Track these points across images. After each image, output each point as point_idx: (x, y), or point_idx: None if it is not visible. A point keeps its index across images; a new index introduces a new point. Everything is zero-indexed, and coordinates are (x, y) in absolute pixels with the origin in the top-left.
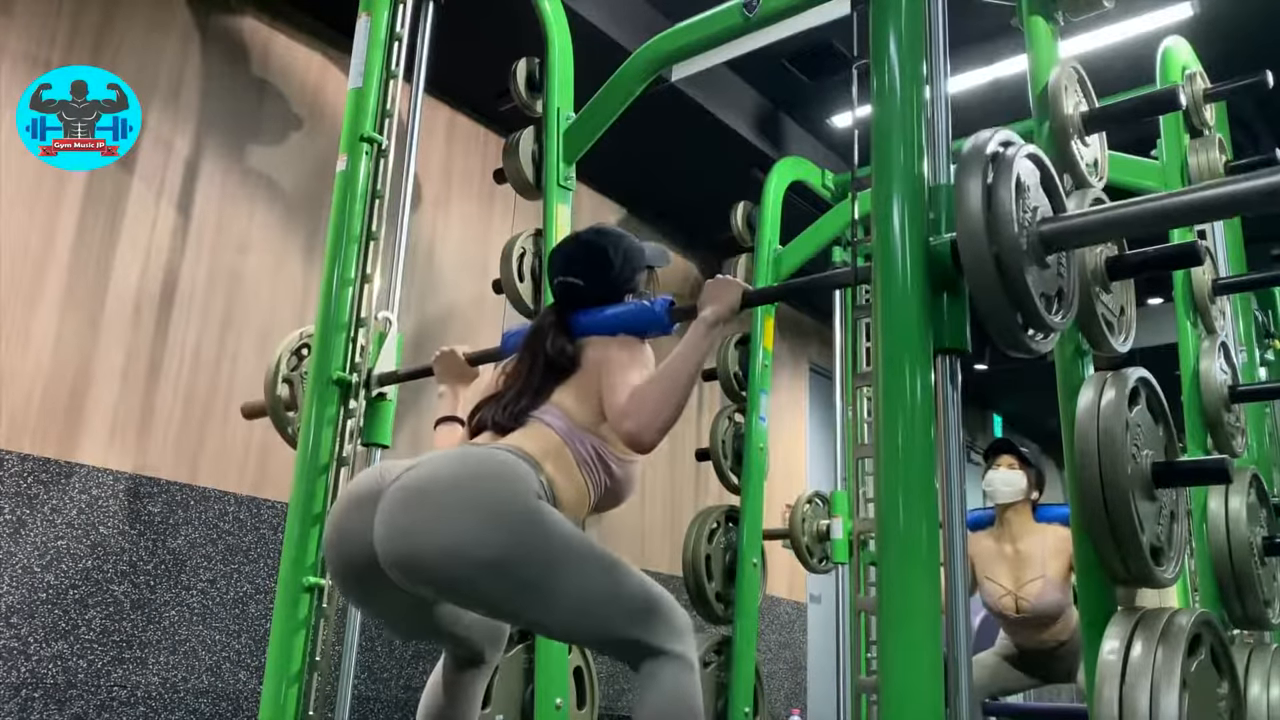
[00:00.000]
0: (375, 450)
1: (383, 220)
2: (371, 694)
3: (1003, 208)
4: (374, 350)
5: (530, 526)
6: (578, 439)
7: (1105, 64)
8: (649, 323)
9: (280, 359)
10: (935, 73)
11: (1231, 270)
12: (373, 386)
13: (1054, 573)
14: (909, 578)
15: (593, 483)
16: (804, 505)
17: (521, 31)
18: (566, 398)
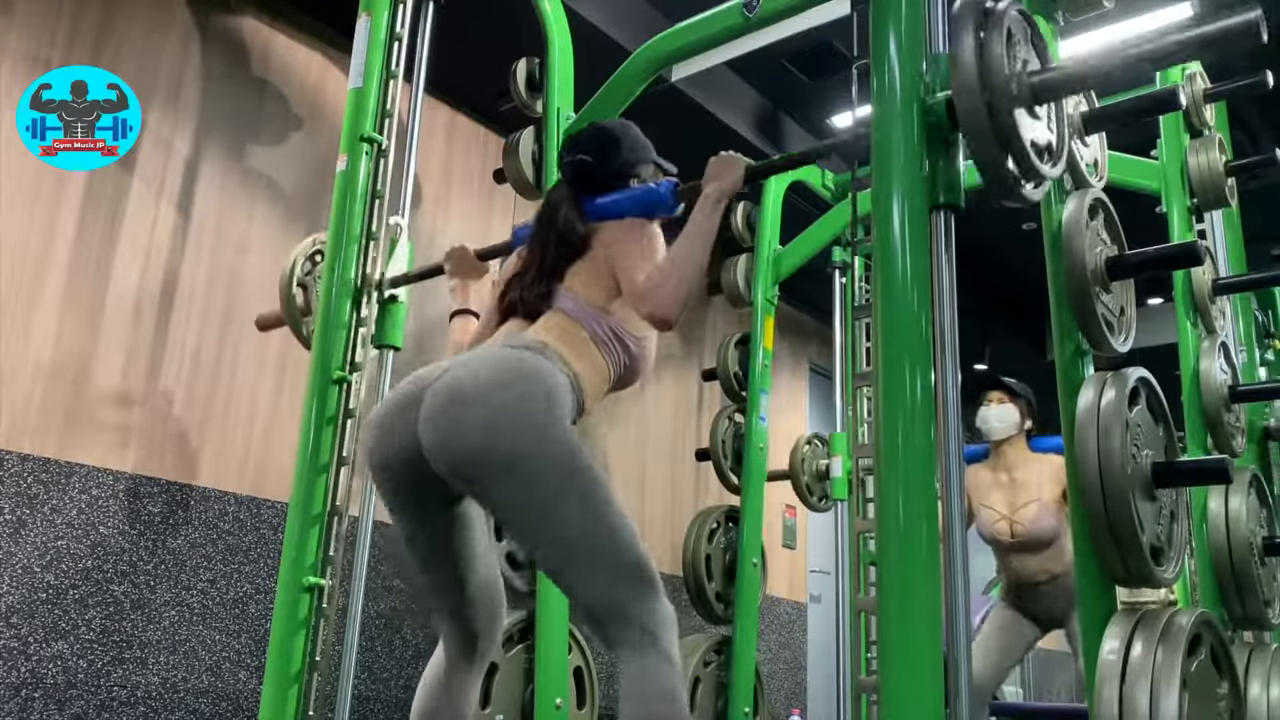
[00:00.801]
0: (387, 353)
1: (383, 220)
2: (371, 694)
3: (994, 57)
4: (386, 254)
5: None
6: (595, 321)
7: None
8: (655, 203)
9: (295, 264)
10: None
11: (1231, 270)
12: (384, 289)
13: (1049, 497)
14: (909, 578)
15: (612, 362)
16: (804, 445)
17: (521, 31)
18: (580, 282)
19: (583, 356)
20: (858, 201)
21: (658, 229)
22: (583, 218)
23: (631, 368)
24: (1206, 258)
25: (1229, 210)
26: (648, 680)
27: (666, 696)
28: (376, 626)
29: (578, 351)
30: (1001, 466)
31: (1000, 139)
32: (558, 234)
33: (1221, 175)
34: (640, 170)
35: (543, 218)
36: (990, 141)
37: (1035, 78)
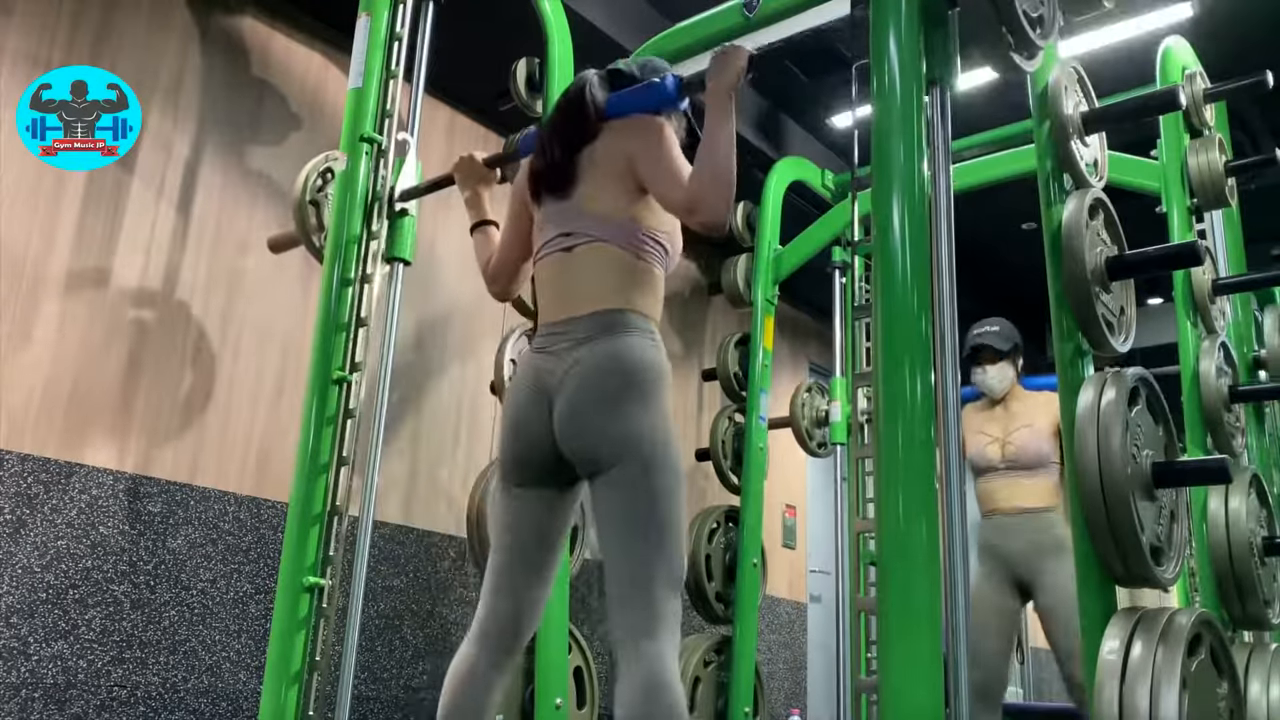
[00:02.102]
0: (398, 265)
1: (383, 220)
2: (371, 694)
3: None
4: (395, 168)
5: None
6: (631, 236)
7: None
8: (661, 99)
9: (306, 181)
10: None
11: (1231, 270)
12: (395, 202)
13: (1041, 423)
14: (909, 578)
15: (661, 265)
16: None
17: (521, 31)
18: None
19: (645, 287)
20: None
21: (669, 127)
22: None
23: (672, 257)
24: (1206, 258)
25: (1229, 210)
26: (644, 670)
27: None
28: (376, 626)
29: (640, 286)
30: (997, 404)
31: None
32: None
33: (1221, 175)
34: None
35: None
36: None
37: None
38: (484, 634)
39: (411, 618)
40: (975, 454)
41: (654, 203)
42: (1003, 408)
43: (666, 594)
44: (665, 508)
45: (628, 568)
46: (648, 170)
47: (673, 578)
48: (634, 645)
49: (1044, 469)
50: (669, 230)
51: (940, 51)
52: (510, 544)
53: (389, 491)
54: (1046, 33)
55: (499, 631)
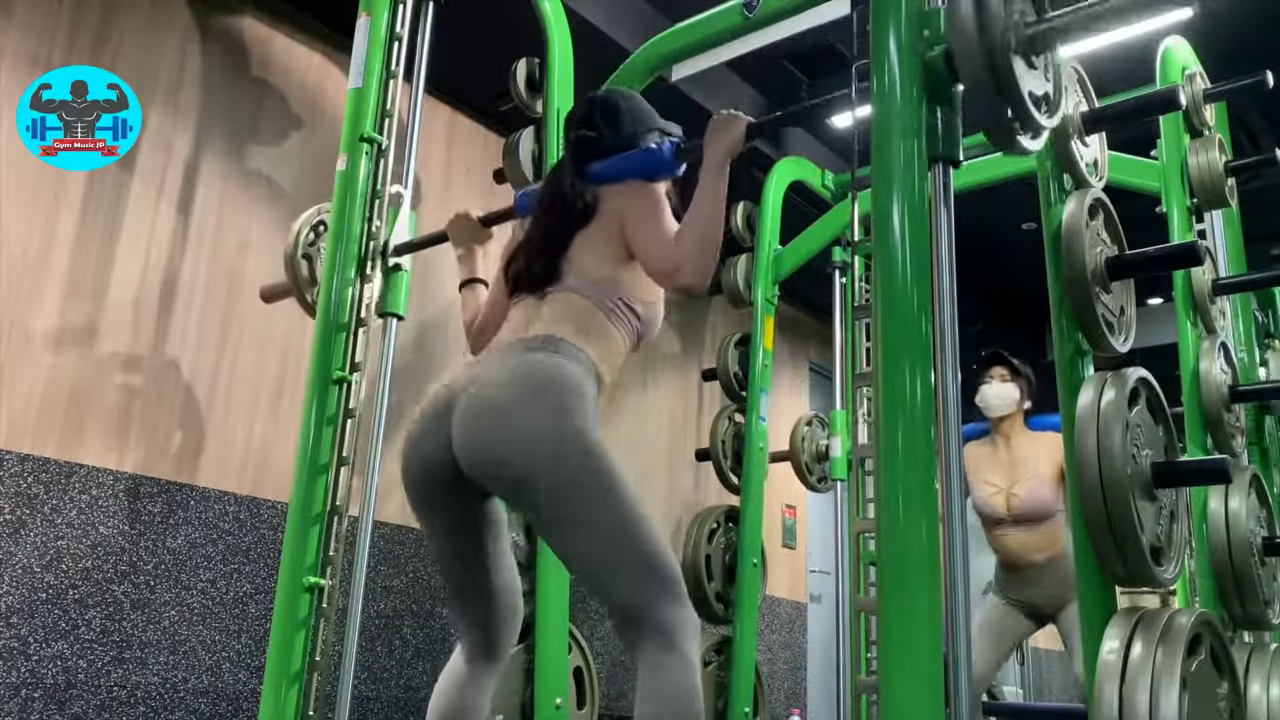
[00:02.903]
0: (390, 320)
1: (383, 220)
2: (371, 694)
3: (992, 7)
4: (389, 222)
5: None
6: (605, 296)
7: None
8: (657, 166)
9: (299, 234)
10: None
11: (1231, 270)
12: (388, 256)
13: (1046, 473)
14: (909, 578)
15: (626, 332)
16: (804, 425)
17: (521, 31)
18: (586, 253)
19: (596, 335)
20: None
21: (662, 192)
22: (587, 185)
23: (645, 330)
24: (1206, 258)
25: (1229, 210)
26: (663, 680)
27: (682, 696)
28: (376, 626)
29: (591, 332)
30: (1000, 444)
31: (999, 89)
32: (563, 203)
33: (1221, 175)
34: (646, 140)
35: (547, 190)
36: (989, 91)
37: (1031, 28)
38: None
39: (411, 618)
40: (980, 503)
41: (639, 270)
42: (1005, 449)
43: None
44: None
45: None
46: (635, 232)
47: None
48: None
49: (1051, 519)
50: (647, 301)
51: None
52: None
53: (389, 491)
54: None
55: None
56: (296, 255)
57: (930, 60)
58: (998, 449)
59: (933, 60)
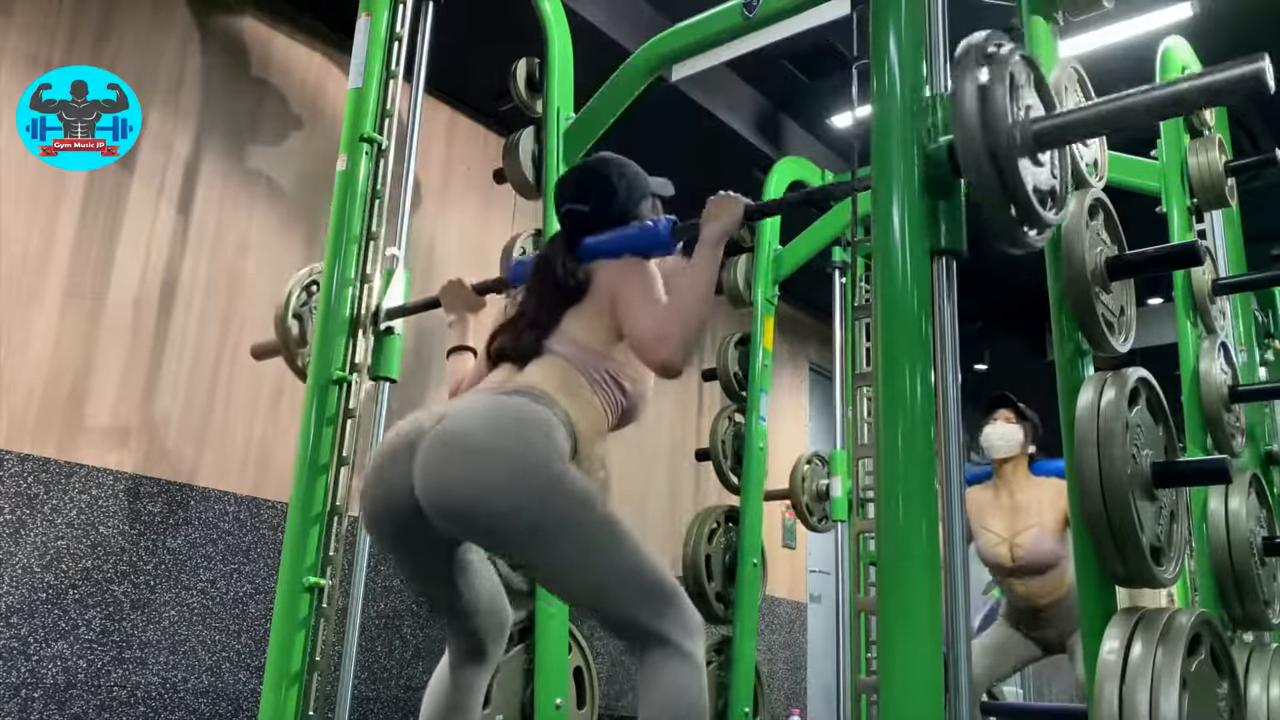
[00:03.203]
0: (383, 384)
1: (383, 220)
2: (371, 694)
3: (997, 104)
4: (382, 286)
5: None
6: (591, 365)
7: (1105, 64)
8: (653, 244)
9: (290, 294)
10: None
11: (1231, 270)
12: (381, 321)
13: (1049, 522)
14: (909, 578)
15: (609, 405)
16: (804, 465)
17: (521, 31)
18: (576, 325)
19: (578, 400)
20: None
21: (656, 270)
22: (579, 264)
23: (629, 409)
24: (1206, 258)
25: (1229, 210)
26: (664, 679)
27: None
28: (376, 626)
29: (573, 396)
30: (1002, 489)
31: (1003, 186)
32: (556, 284)
33: (1221, 175)
34: (640, 209)
35: (540, 267)
36: (993, 189)
37: (1038, 125)
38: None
39: (411, 618)
40: (984, 552)
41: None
42: (1008, 495)
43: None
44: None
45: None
46: (623, 309)
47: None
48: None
49: (1056, 566)
50: (635, 379)
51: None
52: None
53: None
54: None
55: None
56: (287, 316)
57: (932, 152)
58: (1000, 495)
59: (935, 152)
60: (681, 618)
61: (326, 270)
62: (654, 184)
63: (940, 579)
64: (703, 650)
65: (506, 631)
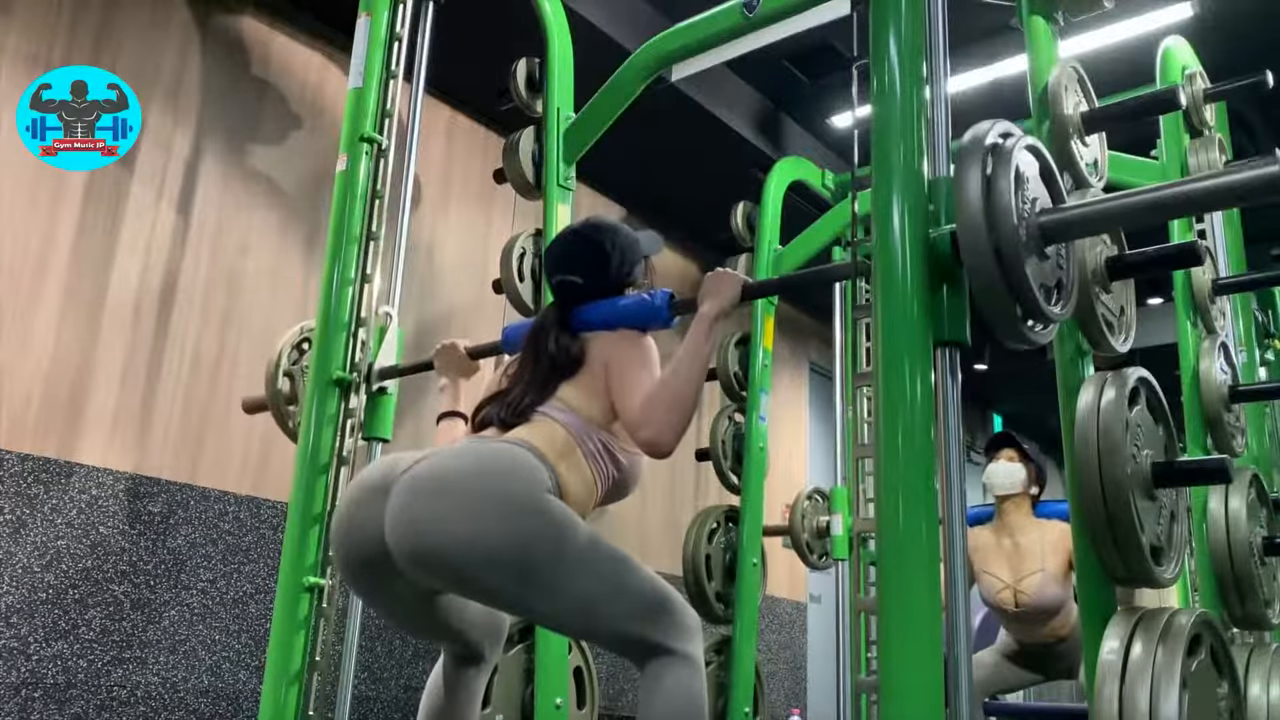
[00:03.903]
0: (376, 445)
1: (383, 220)
2: (371, 694)
3: (1002, 199)
4: (375, 345)
5: (539, 522)
6: (584, 433)
7: (1105, 64)
8: (649, 317)
9: (281, 354)
10: (935, 73)
11: (1231, 270)
12: (373, 381)
13: (1053, 567)
14: (909, 578)
15: (600, 476)
16: (804, 502)
17: (521, 31)
18: (573, 394)
19: (567, 461)
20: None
21: (653, 344)
22: (574, 337)
23: (620, 482)
24: (1206, 258)
25: (1229, 210)
26: (667, 682)
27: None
28: (376, 626)
29: (561, 454)
30: (1005, 531)
31: (1007, 283)
32: (550, 359)
33: None
34: (634, 275)
35: (533, 339)
36: (997, 286)
37: (1045, 218)
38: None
39: None
40: (987, 596)
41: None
42: (1010, 539)
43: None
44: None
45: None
46: (617, 383)
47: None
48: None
49: (1061, 610)
50: (630, 452)
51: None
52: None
53: None
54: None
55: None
56: (278, 374)
57: (935, 239)
58: (1002, 537)
59: (938, 239)
60: (678, 623)
61: (326, 271)
62: (644, 243)
63: (940, 579)
64: (701, 649)
65: (504, 637)
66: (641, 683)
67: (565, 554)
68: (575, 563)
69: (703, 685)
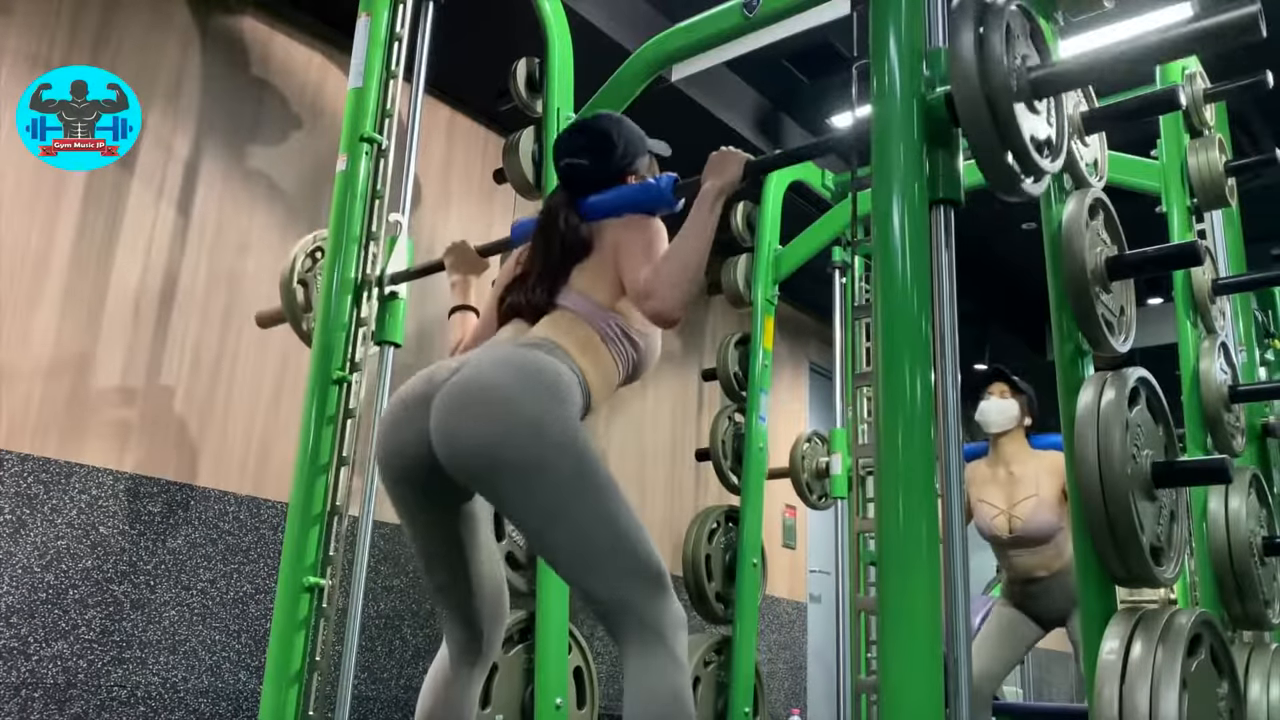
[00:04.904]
0: (388, 349)
1: (383, 220)
2: (371, 694)
3: (994, 51)
4: (386, 251)
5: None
6: (601, 319)
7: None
8: (655, 201)
9: (295, 261)
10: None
11: (1231, 270)
12: (385, 285)
13: (1047, 493)
14: (909, 578)
15: (621, 360)
16: (804, 444)
17: (521, 31)
18: (584, 281)
19: (590, 354)
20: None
21: (660, 225)
22: (584, 220)
23: (639, 363)
24: (1206, 258)
25: (1229, 210)
26: (651, 678)
27: (670, 695)
28: (376, 626)
29: (585, 349)
30: (1000, 462)
31: (1000, 134)
32: (561, 240)
33: (1221, 175)
34: (637, 165)
35: (543, 223)
36: (990, 136)
37: (1034, 73)
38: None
39: (411, 618)
40: (981, 525)
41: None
42: (1005, 470)
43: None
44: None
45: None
46: (624, 262)
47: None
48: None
49: (1053, 538)
50: (645, 332)
51: (945, 171)
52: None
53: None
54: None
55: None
56: (292, 281)
57: (931, 102)
58: (997, 468)
59: (933, 102)
60: (672, 609)
61: (326, 271)
62: (651, 144)
63: (940, 579)
64: (686, 647)
65: (503, 627)
66: (627, 670)
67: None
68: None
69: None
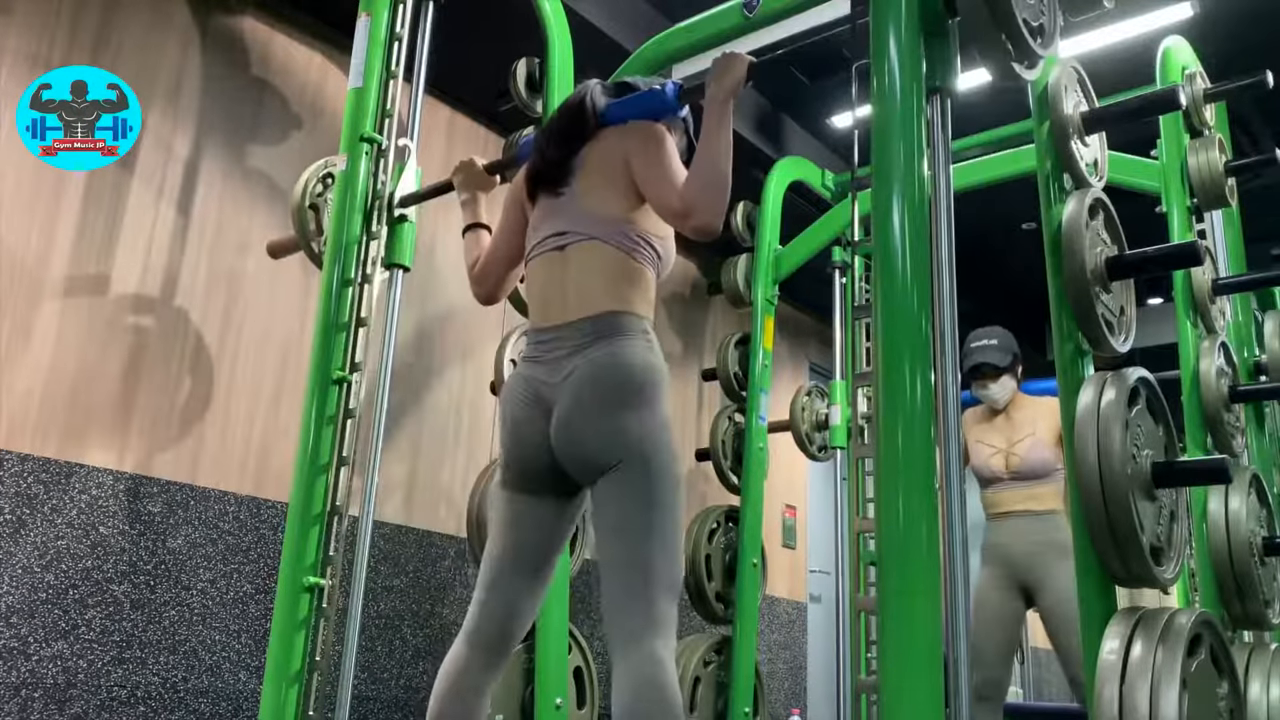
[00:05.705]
0: (396, 272)
1: (383, 221)
2: (371, 694)
3: None
4: (395, 174)
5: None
6: (626, 237)
7: (1105, 64)
8: (661, 107)
9: (306, 186)
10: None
11: (1231, 270)
12: (394, 208)
13: (1043, 432)
14: (909, 578)
15: (654, 268)
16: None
17: (521, 31)
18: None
19: (639, 289)
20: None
21: (667, 134)
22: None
23: (664, 264)
24: (1206, 258)
25: (1229, 210)
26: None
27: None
28: (376, 626)
29: (636, 284)
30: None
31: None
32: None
33: (1221, 175)
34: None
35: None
36: (985, 19)
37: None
38: (476, 630)
39: (411, 618)
40: (979, 465)
41: (649, 208)
42: (1004, 416)
43: (665, 599)
44: (664, 513)
45: (626, 573)
46: (643, 174)
47: (671, 583)
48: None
49: (1049, 477)
50: (662, 236)
51: (941, 59)
52: (508, 544)
53: (389, 492)
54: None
55: (490, 630)
56: (304, 206)
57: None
58: (995, 415)
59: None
60: (672, 610)
61: (326, 271)
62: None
63: (940, 579)
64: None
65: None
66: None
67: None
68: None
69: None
